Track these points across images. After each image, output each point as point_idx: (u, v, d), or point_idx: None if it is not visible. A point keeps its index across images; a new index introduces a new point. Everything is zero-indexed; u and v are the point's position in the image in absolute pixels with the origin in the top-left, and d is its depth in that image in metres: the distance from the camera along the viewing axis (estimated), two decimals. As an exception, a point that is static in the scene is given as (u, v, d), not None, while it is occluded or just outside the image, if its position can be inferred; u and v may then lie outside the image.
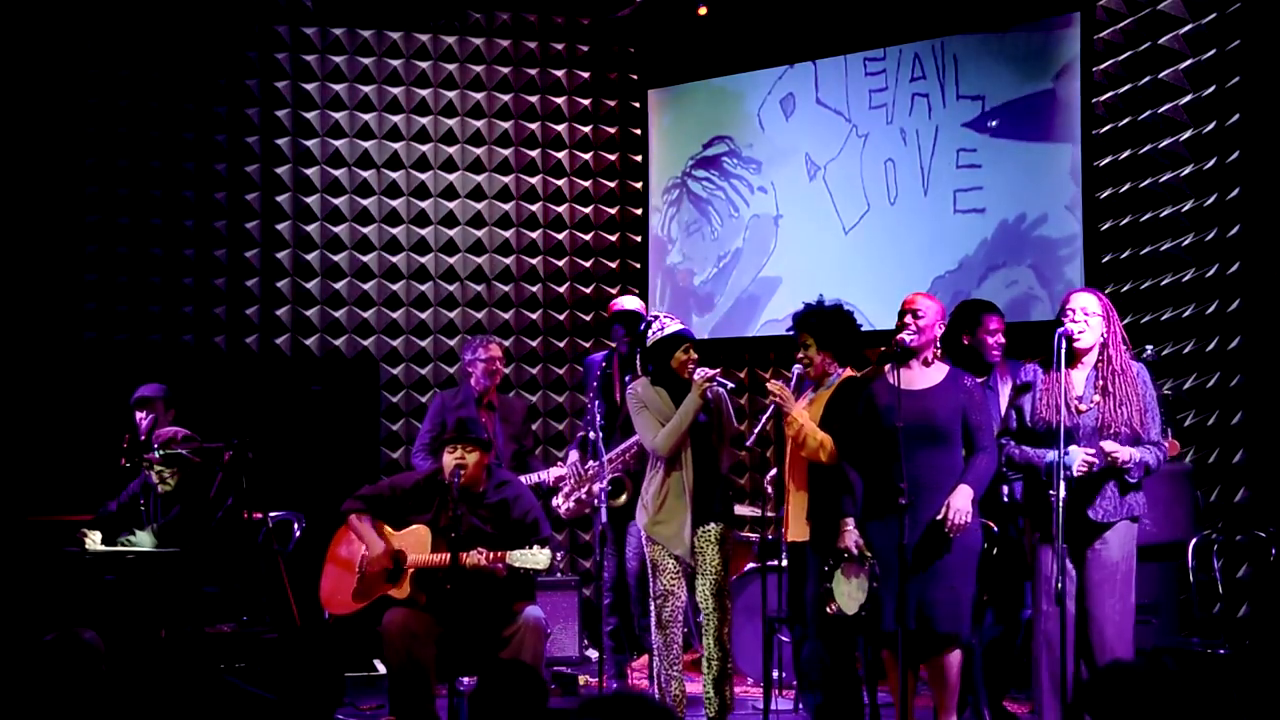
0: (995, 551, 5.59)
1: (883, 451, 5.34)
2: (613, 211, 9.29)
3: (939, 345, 5.56)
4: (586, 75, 9.20)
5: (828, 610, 5.42)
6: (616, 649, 7.03)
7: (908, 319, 5.52)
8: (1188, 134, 6.92)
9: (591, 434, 6.80)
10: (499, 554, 5.64)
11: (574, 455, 7.08)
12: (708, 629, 5.93)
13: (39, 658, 3.94)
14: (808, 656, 5.75)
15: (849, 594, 5.37)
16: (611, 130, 9.27)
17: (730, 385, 6.03)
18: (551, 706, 3.59)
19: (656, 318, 6.15)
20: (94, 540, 6.38)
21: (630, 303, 7.31)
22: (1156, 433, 5.38)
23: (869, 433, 5.42)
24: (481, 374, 7.21)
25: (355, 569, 5.96)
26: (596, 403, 6.92)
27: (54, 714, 3.89)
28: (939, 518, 5.28)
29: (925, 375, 5.52)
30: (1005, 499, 5.73)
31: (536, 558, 5.64)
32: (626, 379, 6.39)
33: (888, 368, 5.48)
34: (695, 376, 5.92)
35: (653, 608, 5.99)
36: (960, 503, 5.28)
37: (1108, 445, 5.22)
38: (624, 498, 6.87)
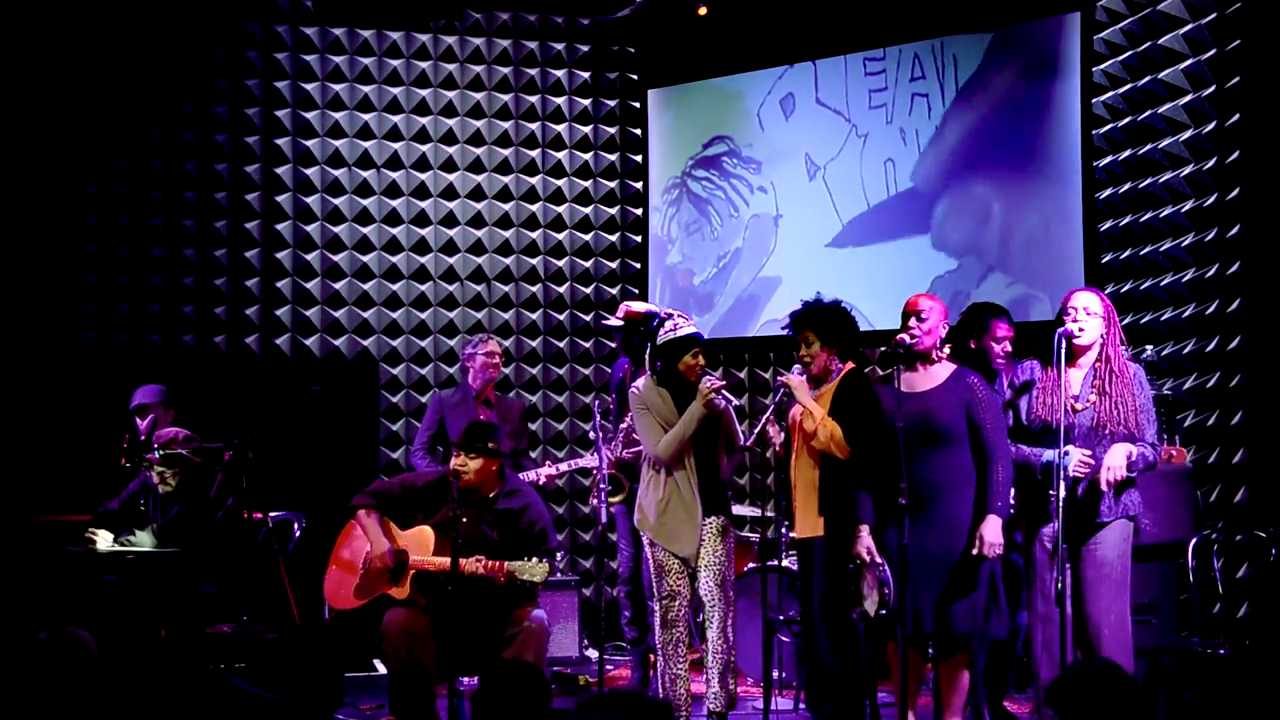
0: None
1: (888, 454, 5.35)
2: (613, 212, 9.29)
3: (942, 346, 5.57)
4: (586, 75, 9.20)
5: (853, 614, 5.45)
6: (636, 641, 6.99)
7: (911, 321, 5.53)
8: (1188, 134, 6.92)
9: (592, 434, 6.79)
10: (498, 563, 5.64)
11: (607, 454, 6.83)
12: (711, 622, 5.93)
13: (32, 657, 3.94)
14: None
15: (868, 597, 5.40)
16: (611, 130, 9.27)
17: (735, 401, 6.02)
18: (552, 706, 3.59)
19: (670, 315, 6.13)
20: (105, 540, 6.37)
21: (635, 308, 7.18)
22: (1152, 434, 5.39)
23: (876, 436, 5.43)
24: (479, 369, 7.21)
25: (358, 568, 5.96)
26: (598, 403, 6.91)
27: (50, 713, 3.89)
28: (974, 552, 5.29)
29: (929, 376, 5.52)
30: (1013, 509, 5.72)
31: (534, 570, 5.64)
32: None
33: (896, 370, 5.51)
34: (702, 385, 5.91)
35: (658, 608, 5.98)
36: (991, 536, 5.30)
37: (1107, 475, 5.22)
38: (622, 495, 6.86)
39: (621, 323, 6.89)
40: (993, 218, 7.95)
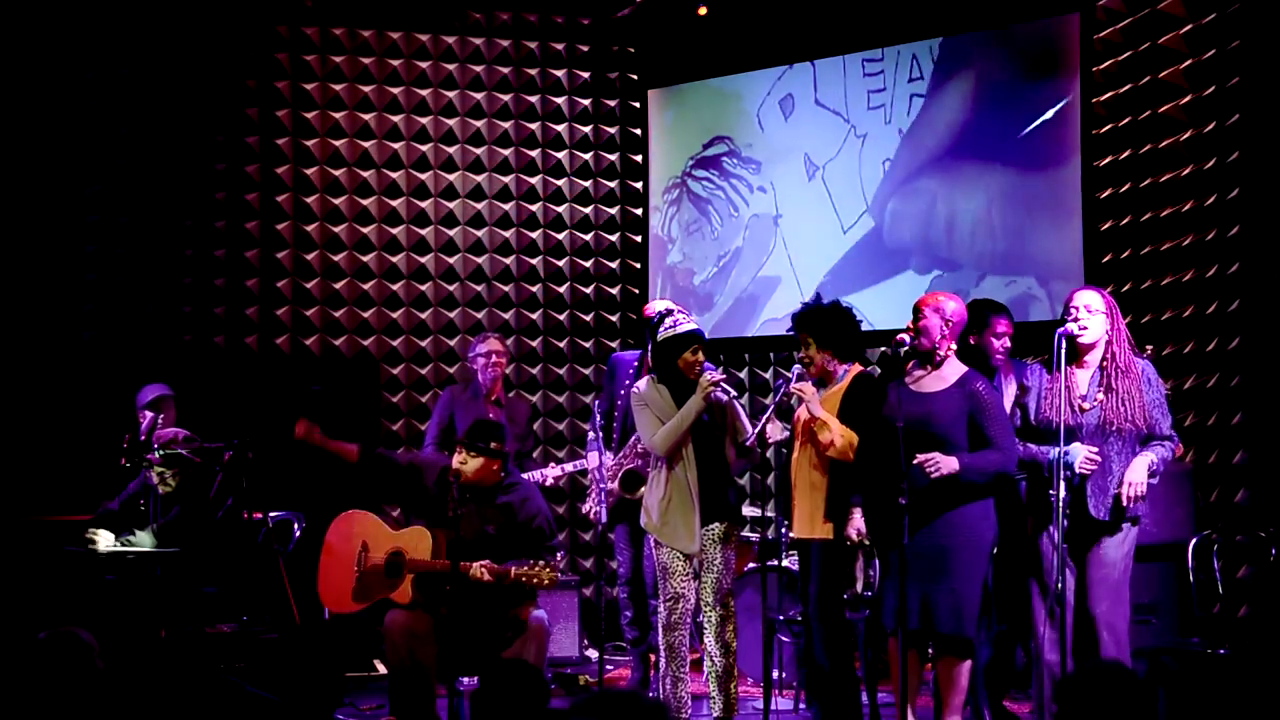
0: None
1: (888, 452, 5.35)
2: (613, 211, 9.29)
3: (943, 347, 5.54)
4: (586, 75, 9.19)
5: (848, 613, 5.50)
6: (636, 641, 6.98)
7: (908, 320, 5.54)
8: (1188, 134, 6.92)
9: (591, 433, 6.79)
10: (504, 569, 5.64)
11: (595, 457, 6.74)
12: (709, 627, 5.94)
13: (33, 656, 3.94)
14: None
15: (859, 579, 5.46)
16: (611, 130, 9.27)
17: (733, 394, 6.01)
18: (551, 706, 3.59)
19: (671, 312, 6.13)
20: (106, 541, 6.36)
21: (656, 306, 7.10)
22: (1167, 427, 5.40)
23: (880, 432, 5.43)
24: (483, 368, 7.25)
25: (352, 566, 5.95)
26: (599, 401, 6.91)
27: (51, 713, 3.89)
28: (918, 460, 5.30)
29: (938, 378, 5.50)
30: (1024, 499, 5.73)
31: (541, 575, 5.64)
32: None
33: (910, 366, 5.51)
34: (701, 379, 5.91)
35: (663, 609, 5.98)
36: (945, 462, 5.30)
37: (1129, 492, 5.26)
38: (643, 490, 6.81)
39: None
40: (992, 217, 7.95)
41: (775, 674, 6.55)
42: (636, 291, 9.23)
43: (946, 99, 8.10)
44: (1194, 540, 6.18)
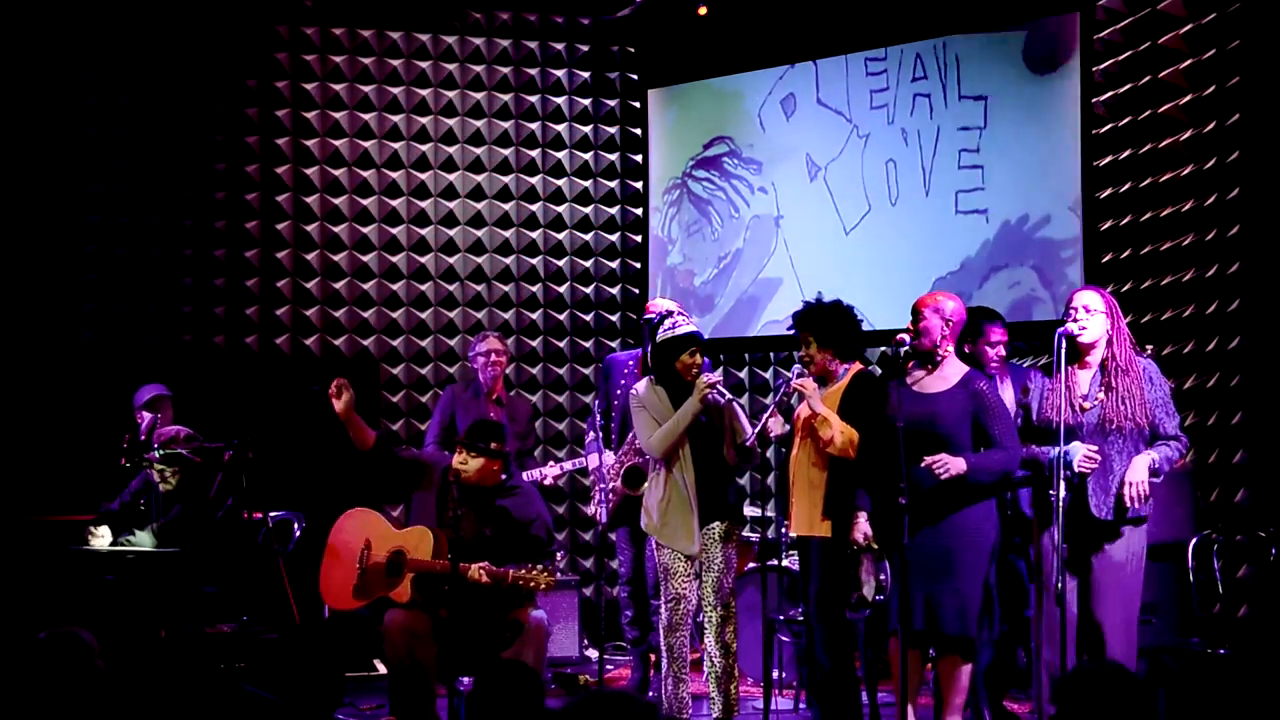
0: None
1: (890, 451, 5.35)
2: (613, 212, 9.29)
3: (943, 347, 5.53)
4: (586, 75, 9.19)
5: (849, 614, 5.49)
6: (636, 641, 6.98)
7: (908, 322, 5.54)
8: (1188, 134, 6.92)
9: (591, 434, 6.79)
10: (503, 571, 5.64)
11: (595, 459, 6.70)
12: (710, 627, 5.94)
13: (33, 656, 3.94)
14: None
15: (866, 583, 5.45)
16: (611, 130, 9.27)
17: (729, 397, 6.01)
18: (551, 706, 3.60)
19: (670, 314, 6.12)
20: (105, 537, 6.36)
21: (660, 305, 7.10)
22: (1173, 427, 5.39)
23: (883, 434, 5.43)
24: (483, 367, 7.26)
25: (355, 563, 5.95)
26: (597, 402, 6.91)
27: (51, 713, 3.89)
28: (925, 462, 5.29)
29: (938, 378, 5.50)
30: (1009, 511, 5.72)
31: (538, 580, 5.64)
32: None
33: (910, 367, 5.51)
34: (698, 381, 5.91)
35: (664, 610, 5.98)
36: (953, 463, 5.30)
37: (1130, 492, 5.24)
38: (646, 485, 6.79)
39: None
40: (994, 218, 7.94)
41: (775, 674, 6.55)
42: (636, 292, 9.23)
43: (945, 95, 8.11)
44: (1194, 540, 6.17)
